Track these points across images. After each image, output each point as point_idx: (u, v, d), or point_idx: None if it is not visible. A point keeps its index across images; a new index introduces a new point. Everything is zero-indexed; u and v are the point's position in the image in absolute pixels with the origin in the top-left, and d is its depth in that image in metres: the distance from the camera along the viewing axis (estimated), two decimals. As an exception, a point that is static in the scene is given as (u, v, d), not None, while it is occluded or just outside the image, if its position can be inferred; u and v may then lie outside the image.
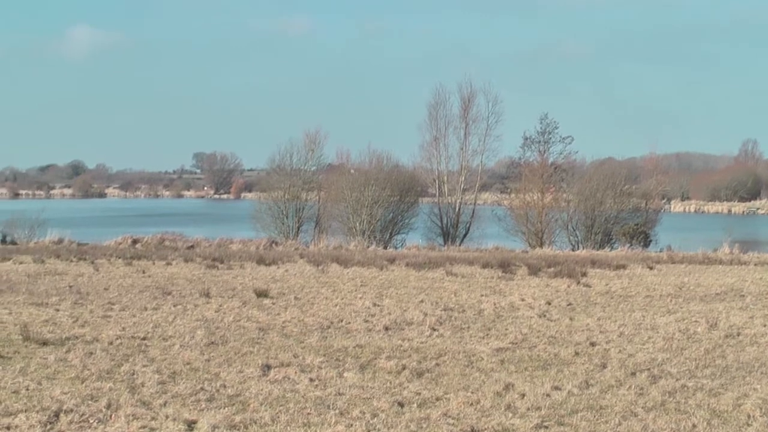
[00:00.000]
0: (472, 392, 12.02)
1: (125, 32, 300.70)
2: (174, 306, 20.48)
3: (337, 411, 10.77)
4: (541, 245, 50.04)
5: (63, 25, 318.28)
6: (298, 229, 54.17)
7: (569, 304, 21.94)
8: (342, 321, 18.56)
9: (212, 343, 15.61)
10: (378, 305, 21.12)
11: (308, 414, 10.62)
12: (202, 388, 11.90)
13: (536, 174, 53.16)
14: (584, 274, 29.10)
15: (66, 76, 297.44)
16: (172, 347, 15.10)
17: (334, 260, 33.79)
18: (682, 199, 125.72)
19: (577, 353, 15.31)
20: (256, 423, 10.18)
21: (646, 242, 49.46)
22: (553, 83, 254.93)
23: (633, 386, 12.54)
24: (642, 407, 11.33)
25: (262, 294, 22.57)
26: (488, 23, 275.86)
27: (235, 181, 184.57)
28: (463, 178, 55.83)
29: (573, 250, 48.90)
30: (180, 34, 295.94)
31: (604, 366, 14.16)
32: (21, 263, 31.79)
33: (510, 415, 10.80)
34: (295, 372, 13.13)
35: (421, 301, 22.02)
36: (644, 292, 24.53)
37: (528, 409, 11.11)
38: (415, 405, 11.19)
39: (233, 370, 13.21)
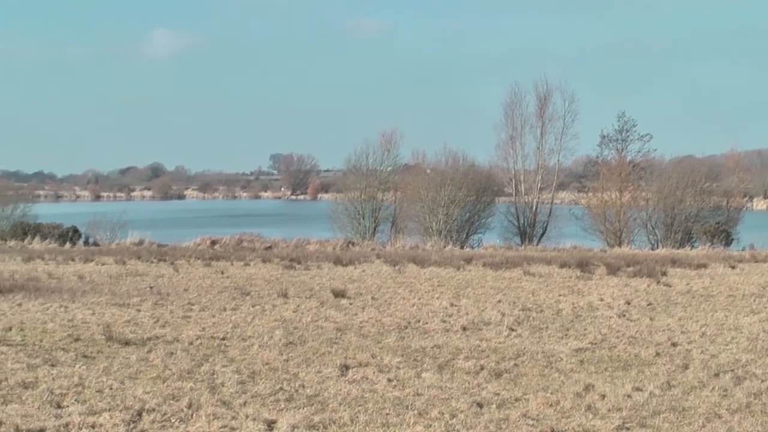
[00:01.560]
0: (551, 393, 11.91)
1: (204, 34, 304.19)
2: (252, 306, 20.63)
3: (415, 411, 10.75)
4: (620, 244, 49.48)
5: (143, 28, 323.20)
6: (375, 230, 54.24)
7: (649, 304, 21.65)
8: (419, 321, 18.53)
9: (290, 343, 15.69)
10: (455, 305, 21.06)
11: (387, 414, 10.61)
12: (281, 388, 11.96)
13: (614, 172, 52.58)
14: (664, 274, 28.71)
15: (146, 79, 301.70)
16: (251, 347, 15.20)
17: (411, 260, 33.78)
18: (765, 197, 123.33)
19: (658, 354, 15.09)
20: (335, 423, 10.20)
21: (728, 241, 48.59)
22: (631, 81, 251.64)
23: (716, 387, 12.32)
24: (726, 409, 11.13)
25: (339, 294, 22.63)
26: (565, 21, 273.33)
27: (312, 182, 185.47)
28: (539, 177, 55.43)
29: (652, 249, 48.26)
30: (258, 35, 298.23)
31: (686, 367, 13.94)
32: (103, 264, 32.31)
33: (591, 416, 10.68)
34: (374, 372, 13.13)
35: (499, 301, 21.91)
36: (726, 292, 24.12)
37: (609, 410, 10.98)
38: (494, 406, 11.12)
39: (312, 370, 13.26)
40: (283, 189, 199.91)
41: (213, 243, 47.43)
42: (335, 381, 12.54)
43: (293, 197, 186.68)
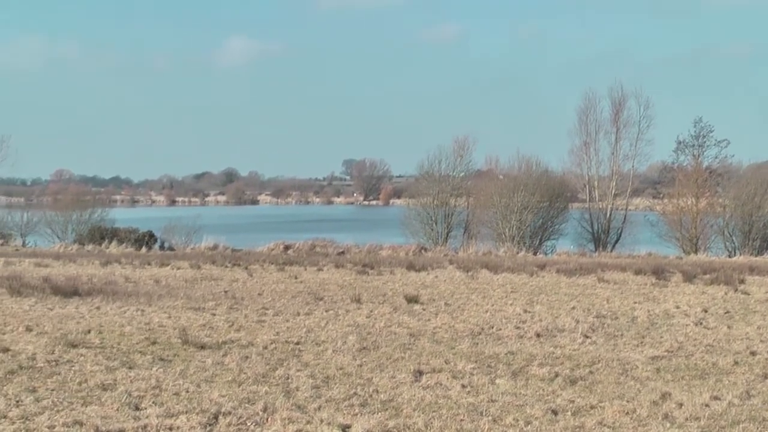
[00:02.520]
0: (627, 401, 11.78)
1: (279, 42, 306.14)
2: (326, 311, 20.73)
3: (490, 418, 10.71)
4: (696, 251, 48.82)
5: (219, 37, 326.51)
6: (447, 235, 54.22)
7: (726, 312, 21.33)
8: (493, 327, 18.47)
9: (364, 348, 15.73)
10: (529, 312, 20.96)
11: (461, 420, 10.59)
12: (355, 393, 12.00)
13: (690, 178, 51.87)
14: (742, 281, 28.25)
15: (221, 86, 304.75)
16: (325, 352, 15.27)
17: (484, 266, 33.68)
18: None
19: (736, 362, 14.86)
20: (409, 428, 10.20)
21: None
22: (708, 86, 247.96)
23: (797, 398, 12.10)
24: (807, 419, 10.91)
25: (412, 300, 22.64)
26: (643, 26, 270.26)
27: (384, 188, 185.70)
28: (614, 183, 54.98)
29: (729, 256, 47.55)
30: (331, 43, 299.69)
31: (766, 376, 13.70)
32: (179, 269, 32.69)
33: (668, 425, 10.54)
34: (447, 378, 13.11)
35: (573, 308, 21.75)
36: (807, 300, 23.66)
37: (686, 419, 10.83)
38: (569, 413, 11.04)
39: (385, 376, 13.27)
40: (355, 194, 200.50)
41: (286, 248, 47.79)
42: (409, 386, 12.55)
43: (366, 202, 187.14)
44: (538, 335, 17.43)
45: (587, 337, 17.37)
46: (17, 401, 11.16)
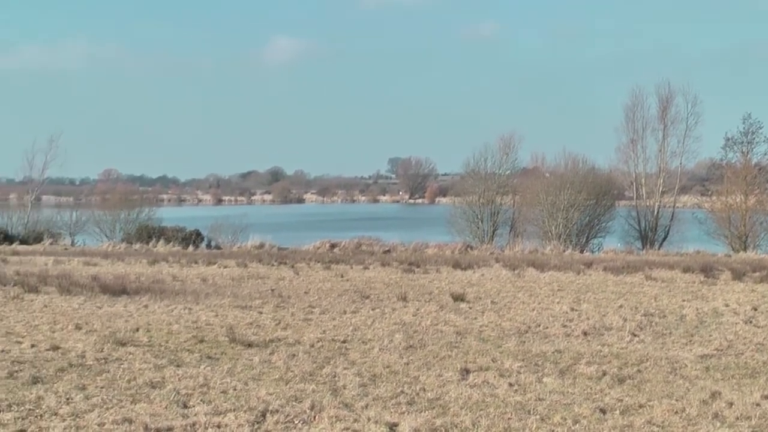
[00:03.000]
0: (676, 400, 11.67)
1: (323, 40, 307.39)
2: (372, 310, 20.74)
3: (537, 416, 10.65)
4: (745, 249, 48.22)
5: (265, 35, 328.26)
6: (493, 233, 54.16)
7: (777, 310, 21.08)
8: (539, 326, 18.38)
9: (411, 346, 15.72)
10: (576, 310, 20.83)
11: (509, 419, 10.54)
12: (402, 391, 11.98)
13: (739, 176, 51.24)
14: (792, 279, 27.90)
15: (266, 84, 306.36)
16: (372, 350, 15.28)
17: (530, 264, 33.54)
18: None
19: (787, 361, 14.68)
20: (456, 427, 10.17)
21: None
22: (758, 82, 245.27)
23: None
24: None
25: (458, 298, 22.59)
26: (690, 21, 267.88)
27: (430, 186, 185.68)
28: (661, 180, 54.59)
29: (779, 254, 46.97)
30: (374, 41, 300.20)
31: (818, 375, 13.53)
32: (225, 267, 32.88)
33: (718, 424, 10.42)
34: (494, 376, 13.07)
35: (620, 306, 21.59)
36: None
37: (737, 418, 10.70)
38: (617, 412, 10.95)
39: (432, 374, 13.25)
40: (401, 193, 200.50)
41: (332, 246, 47.89)
42: (456, 385, 12.52)
43: (411, 201, 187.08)
44: (585, 333, 17.33)
45: (635, 335, 17.23)
46: (68, 399, 11.27)
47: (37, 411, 10.63)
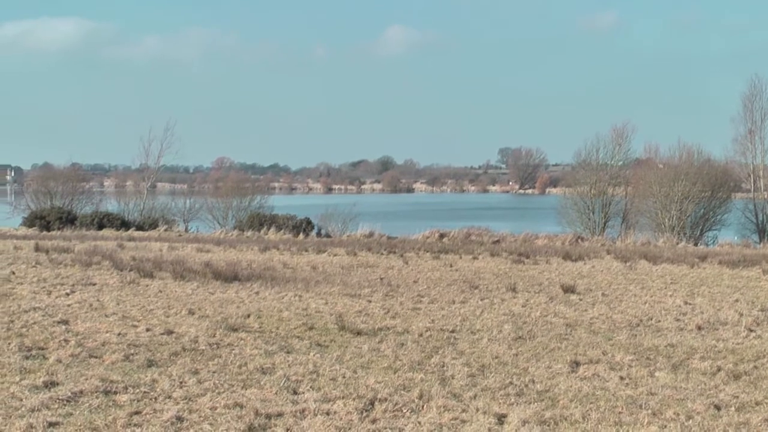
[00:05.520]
0: (794, 398, 11.35)
1: (435, 32, 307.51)
2: (481, 300, 20.65)
3: (649, 411, 10.47)
4: None
5: (379, 26, 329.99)
6: (605, 225, 53.51)
7: None
8: (651, 319, 18.07)
9: (520, 337, 15.60)
10: (689, 304, 20.43)
11: (620, 413, 10.39)
12: (511, 383, 11.90)
13: None
14: None
15: (378, 75, 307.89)
16: (481, 341, 15.21)
17: (642, 257, 33.04)
18: None
19: None
20: (566, 420, 10.05)
21: None
22: None
23: None
24: None
25: (568, 290, 22.36)
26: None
27: (540, 176, 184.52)
28: (780, 172, 53.22)
29: None
30: (486, 32, 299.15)
31: None
32: (335, 255, 33.11)
33: (838, 424, 10.11)
34: (605, 369, 12.89)
35: (736, 301, 21.10)
36: None
37: None
38: (732, 408, 10.69)
39: (541, 366, 13.13)
40: (511, 183, 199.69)
41: (441, 236, 47.88)
42: (566, 377, 12.38)
43: (521, 191, 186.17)
44: (699, 328, 16.96)
45: (751, 330, 16.81)
46: (181, 382, 11.47)
47: (152, 393, 10.84)
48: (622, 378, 12.36)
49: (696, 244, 47.00)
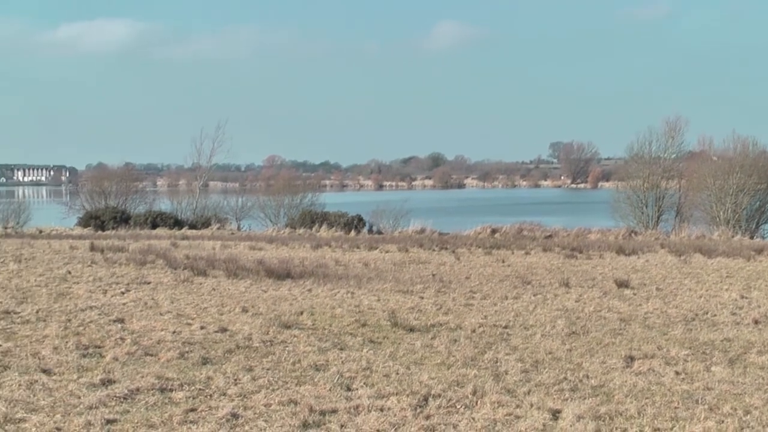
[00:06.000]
0: None
1: (486, 26, 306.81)
2: (534, 295, 20.56)
3: (706, 406, 10.37)
4: None
5: (429, 21, 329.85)
6: (658, 219, 53.01)
7: None
8: (707, 313, 17.89)
9: (573, 333, 15.52)
10: (746, 297, 20.19)
11: (675, 408, 10.30)
12: (564, 378, 11.84)
13: None
14: None
15: (428, 70, 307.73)
16: (534, 336, 15.14)
17: (697, 250, 32.71)
18: None
19: None
20: (621, 415, 9.98)
21: None
22: None
23: None
24: None
25: (622, 284, 22.20)
26: None
27: (592, 170, 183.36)
28: (839, 164, 52.34)
29: None
30: (537, 25, 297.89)
31: None
32: (387, 252, 33.13)
33: None
34: (660, 364, 12.78)
35: (793, 294, 20.84)
36: None
37: None
38: (791, 403, 10.56)
39: (596, 361, 13.05)
40: (562, 177, 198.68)
41: (493, 231, 47.74)
42: (620, 372, 12.29)
43: (573, 186, 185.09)
44: (756, 322, 16.76)
45: (809, 324, 16.58)
46: (235, 379, 11.54)
47: (207, 390, 10.92)
48: (677, 373, 12.25)
49: (752, 237, 46.47)
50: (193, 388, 11.04)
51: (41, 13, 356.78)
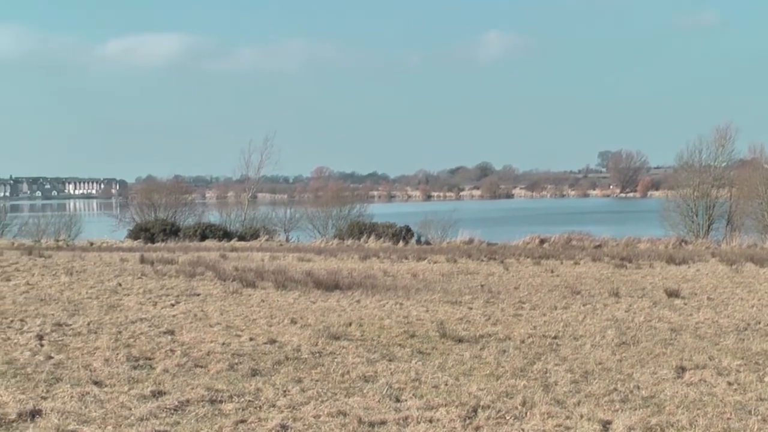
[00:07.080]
0: None
1: (532, 36, 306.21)
2: (583, 305, 20.44)
3: (759, 417, 10.23)
4: None
5: (474, 31, 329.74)
6: (709, 227, 52.55)
7: None
8: (760, 323, 17.68)
9: (623, 343, 15.40)
10: (799, 307, 19.95)
11: (728, 419, 10.18)
12: (615, 389, 11.75)
13: None
14: None
15: (475, 80, 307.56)
16: (583, 347, 15.05)
17: (749, 259, 32.35)
18: None
19: None
20: (672, 426, 9.89)
21: None
22: None
23: None
24: None
25: (672, 294, 22.01)
26: None
27: (642, 179, 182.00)
28: None
29: None
30: (583, 34, 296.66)
31: None
32: (435, 263, 33.11)
33: None
34: (712, 375, 12.64)
35: None
36: None
37: None
38: None
39: (646, 371, 12.94)
40: (611, 187, 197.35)
41: (542, 241, 47.57)
42: (671, 383, 12.18)
43: (622, 195, 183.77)
44: (809, 331, 16.55)
45: None
46: (284, 391, 11.57)
47: (256, 402, 10.96)
48: (730, 383, 12.11)
49: (805, 246, 45.87)
50: (242, 399, 11.08)
51: (91, 29, 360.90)
